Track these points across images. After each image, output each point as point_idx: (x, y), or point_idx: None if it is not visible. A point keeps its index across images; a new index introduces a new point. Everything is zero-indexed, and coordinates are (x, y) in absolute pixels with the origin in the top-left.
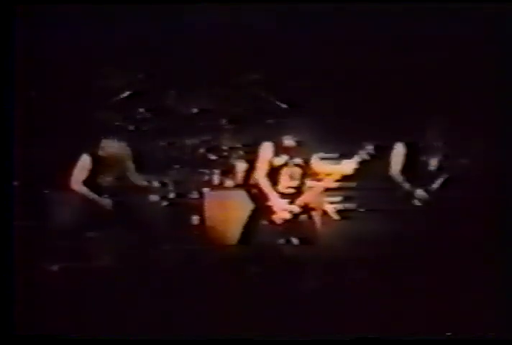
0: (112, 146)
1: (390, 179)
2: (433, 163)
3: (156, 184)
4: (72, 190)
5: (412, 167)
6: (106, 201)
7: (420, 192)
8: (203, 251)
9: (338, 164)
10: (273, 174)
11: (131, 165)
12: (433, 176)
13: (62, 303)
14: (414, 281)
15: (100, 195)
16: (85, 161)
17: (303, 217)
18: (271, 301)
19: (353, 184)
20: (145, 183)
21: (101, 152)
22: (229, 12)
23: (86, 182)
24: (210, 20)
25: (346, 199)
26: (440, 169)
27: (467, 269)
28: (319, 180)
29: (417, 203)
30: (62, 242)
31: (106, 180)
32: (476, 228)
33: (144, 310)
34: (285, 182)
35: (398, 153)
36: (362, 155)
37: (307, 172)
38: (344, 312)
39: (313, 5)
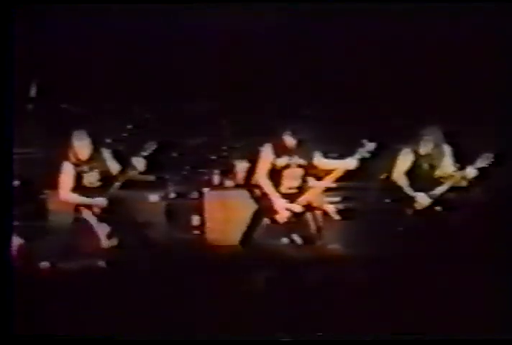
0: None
1: (390, 179)
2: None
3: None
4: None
5: (416, 172)
6: (100, 200)
7: (421, 197)
8: (203, 251)
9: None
10: (276, 175)
11: (107, 154)
12: (436, 182)
13: (62, 303)
14: (414, 281)
15: (91, 196)
16: (67, 168)
17: (305, 216)
18: (273, 301)
19: (353, 184)
20: (120, 169)
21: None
22: (229, 12)
23: (75, 187)
24: (210, 20)
25: (346, 199)
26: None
27: (467, 269)
28: (320, 179)
29: (418, 206)
30: (62, 242)
31: (94, 176)
32: (476, 230)
33: (143, 310)
34: (288, 183)
35: (405, 157)
36: (362, 153)
37: (309, 171)
38: (344, 312)
39: (314, 6)
